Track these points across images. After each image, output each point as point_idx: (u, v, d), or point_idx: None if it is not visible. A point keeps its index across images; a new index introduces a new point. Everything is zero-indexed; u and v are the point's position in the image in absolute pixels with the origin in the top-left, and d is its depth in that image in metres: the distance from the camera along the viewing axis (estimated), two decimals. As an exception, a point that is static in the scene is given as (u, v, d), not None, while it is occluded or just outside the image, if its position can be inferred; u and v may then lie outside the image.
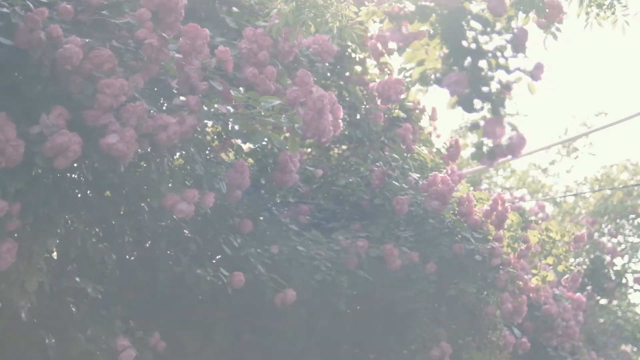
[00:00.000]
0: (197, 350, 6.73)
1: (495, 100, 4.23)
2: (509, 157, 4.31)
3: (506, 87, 4.26)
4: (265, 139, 6.24)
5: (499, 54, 4.27)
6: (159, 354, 6.01)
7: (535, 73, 4.27)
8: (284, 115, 5.23)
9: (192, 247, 6.37)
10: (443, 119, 14.82)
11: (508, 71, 4.26)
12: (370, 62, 8.89)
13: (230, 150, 7.20)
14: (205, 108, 5.33)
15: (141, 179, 5.54)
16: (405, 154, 8.59)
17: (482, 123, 4.23)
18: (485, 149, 4.26)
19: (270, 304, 6.62)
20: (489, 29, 4.28)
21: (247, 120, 5.31)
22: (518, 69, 4.26)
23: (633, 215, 15.85)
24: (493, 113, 4.20)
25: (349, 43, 8.58)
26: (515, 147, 4.24)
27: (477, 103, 4.25)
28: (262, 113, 5.34)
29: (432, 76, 4.34)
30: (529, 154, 12.49)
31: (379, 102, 8.55)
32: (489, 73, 4.26)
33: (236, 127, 5.64)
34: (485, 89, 4.23)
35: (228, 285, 6.20)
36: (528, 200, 15.08)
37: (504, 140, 4.24)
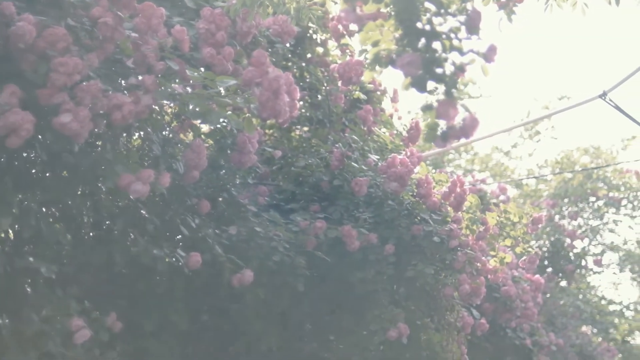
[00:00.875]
0: (154, 330, 6.70)
1: (448, 82, 4.24)
2: (462, 138, 4.33)
3: (460, 69, 4.27)
4: (225, 120, 6.23)
5: (453, 35, 4.28)
6: (116, 335, 5.97)
7: (489, 55, 4.29)
8: (239, 97, 5.20)
9: (150, 227, 6.33)
10: (406, 101, 14.86)
11: (462, 53, 4.27)
12: (332, 44, 8.89)
13: (190, 131, 7.17)
14: (162, 88, 5.30)
15: (97, 158, 5.50)
16: (365, 136, 8.61)
17: (435, 104, 4.25)
18: (438, 130, 4.28)
19: (228, 285, 6.62)
20: (443, 11, 4.29)
21: (204, 101, 5.27)
22: (471, 50, 4.28)
23: (593, 199, 15.99)
24: (446, 95, 4.22)
25: (310, 24, 8.57)
26: (468, 129, 4.26)
27: (431, 84, 4.26)
28: (222, 93, 5.32)
29: (387, 57, 4.35)
30: (491, 136, 12.53)
31: (339, 83, 8.56)
32: (443, 55, 4.27)
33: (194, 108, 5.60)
34: (439, 70, 4.25)
35: (185, 266, 6.20)
36: (490, 182, 15.15)
37: (457, 122, 4.26)
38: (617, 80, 9.14)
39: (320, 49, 8.84)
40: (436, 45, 4.27)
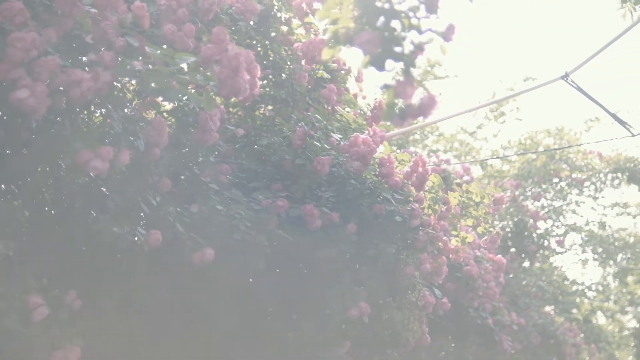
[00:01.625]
0: (114, 309, 6.68)
1: (407, 61, 4.24)
2: (420, 117, 4.33)
3: (419, 48, 4.26)
4: (185, 98, 6.21)
5: (411, 14, 4.27)
6: (75, 313, 5.95)
7: (447, 34, 4.29)
8: (199, 74, 5.18)
9: (110, 205, 6.30)
10: (371, 81, 14.88)
11: (420, 32, 4.26)
12: (296, 22, 8.86)
13: (152, 109, 7.14)
14: (122, 65, 5.26)
15: (55, 135, 5.46)
16: (329, 115, 8.61)
17: (394, 83, 4.25)
18: (396, 109, 4.29)
19: (189, 263, 6.61)
20: (402, -11, 4.28)
21: (164, 78, 5.24)
22: (430, 29, 4.27)
23: (556, 180, 16.09)
24: (405, 73, 4.21)
25: (274, 2, 8.55)
26: (426, 108, 4.26)
27: (390, 63, 4.25)
28: (185, 70, 5.29)
29: (346, 35, 4.34)
30: (456, 116, 12.55)
31: (303, 62, 8.55)
32: (402, 33, 4.25)
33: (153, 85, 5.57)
34: (397, 49, 4.23)
35: (145, 244, 6.18)
36: (455, 163, 15.20)
37: (415, 101, 4.26)
38: (580, 61, 9.19)
39: (284, 28, 8.82)
40: (395, 24, 4.26)
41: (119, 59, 5.21)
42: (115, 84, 5.88)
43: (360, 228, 7.78)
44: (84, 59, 5.42)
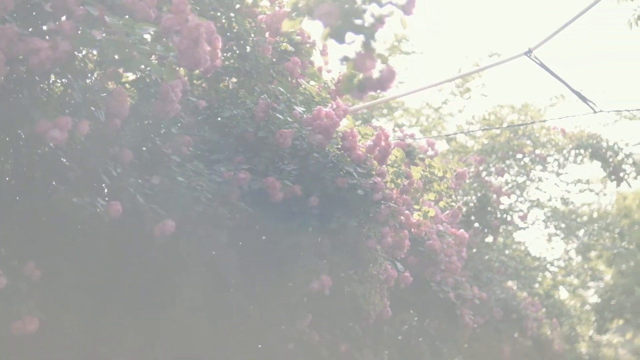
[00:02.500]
0: (74, 280, 6.66)
1: (367, 34, 4.23)
2: (379, 90, 4.34)
3: (379, 21, 4.26)
4: (148, 68, 6.17)
5: (372, -14, 4.27)
6: (34, 284, 5.92)
7: (407, 7, 4.29)
8: (159, 45, 5.15)
9: (70, 175, 6.27)
10: (337, 54, 14.85)
11: (380, 4, 4.26)
12: (261, -6, 8.81)
13: (114, 80, 7.08)
14: (81, 34, 5.22)
15: (14, 105, 5.42)
16: (292, 88, 8.59)
17: (353, 56, 4.24)
18: (356, 81, 4.29)
19: (150, 235, 6.59)
20: (362, -39, 4.27)
21: (124, 48, 5.21)
22: (390, 2, 4.27)
23: (520, 155, 16.17)
24: (364, 46, 4.21)
25: (238, -26, 8.50)
26: (385, 81, 4.27)
27: (350, 36, 4.25)
28: (146, 41, 5.26)
29: (306, 7, 4.33)
30: (421, 90, 12.60)
31: (267, 34, 8.51)
32: (362, 6, 4.25)
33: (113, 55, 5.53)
34: (358, 21, 4.23)
35: (105, 215, 6.15)
36: (419, 138, 15.21)
37: (374, 74, 4.27)
38: (543, 37, 9.23)
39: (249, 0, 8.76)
40: (355, -5, 4.26)
41: (79, 28, 5.17)
42: (76, 54, 5.84)
43: (323, 201, 7.79)
44: (44, 27, 5.37)
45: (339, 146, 8.01)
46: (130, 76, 7.21)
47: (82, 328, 6.89)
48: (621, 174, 15.75)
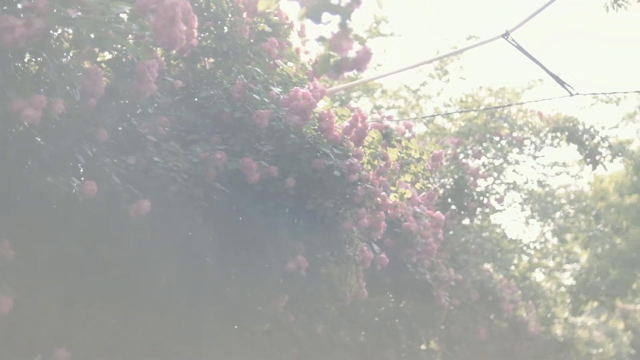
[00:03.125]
0: (49, 260, 6.63)
1: (343, 14, 4.22)
2: (355, 70, 4.34)
3: (355, 1, 4.25)
4: (123, 48, 6.14)
5: (349, -34, 4.25)
6: (8, 263, 5.90)
7: (383, -13, 4.29)
8: (134, 24, 5.12)
9: (45, 155, 6.23)
10: (315, 36, 14.81)
11: (356, -16, 4.25)
12: (239, -27, 8.77)
13: (89, 59, 7.03)
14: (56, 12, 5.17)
15: (-12, 83, 5.37)
16: (270, 69, 8.57)
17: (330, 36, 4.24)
18: (331, 61, 4.29)
19: (125, 215, 6.58)
20: (338, -59, 4.25)
21: (99, 27, 5.17)
22: (366, -18, 4.26)
23: (497, 138, 16.19)
24: (341, 26, 4.20)
25: (217, -47, 8.45)
26: (361, 61, 4.27)
27: (326, 16, 4.24)
28: (122, 19, 5.23)
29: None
30: (399, 71, 12.57)
31: (244, 15, 8.48)
32: (338, -14, 4.24)
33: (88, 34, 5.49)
34: (334, 1, 4.22)
35: (80, 195, 6.12)
36: (397, 119, 15.19)
37: (350, 54, 4.27)
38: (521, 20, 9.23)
39: (226, -21, 8.72)
40: (331, -25, 4.24)
41: (54, 6, 5.12)
42: (51, 32, 5.80)
43: (299, 182, 7.79)
44: (19, 5, 5.32)
45: (316, 127, 7.99)
46: (107, 55, 7.16)
47: (56, 308, 6.87)
48: (597, 157, 15.82)
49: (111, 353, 7.31)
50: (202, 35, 8.46)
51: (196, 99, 8.14)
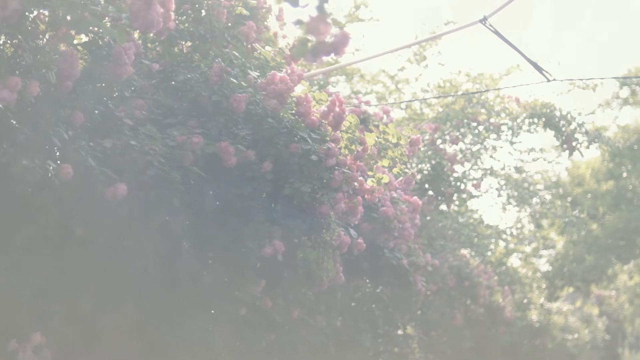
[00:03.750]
0: (25, 244, 6.60)
1: (321, -3, 4.21)
2: (332, 54, 4.33)
3: (333, -16, 4.24)
4: (100, 30, 6.10)
5: (326, -51, 4.23)
6: (-17, 246, 5.88)
7: (361, -29, 4.27)
8: (111, 6, 5.09)
9: (20, 137, 6.19)
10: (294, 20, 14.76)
11: (334, -32, 4.24)
12: (216, -43, 8.72)
13: (65, 42, 6.98)
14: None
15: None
16: (247, 53, 8.54)
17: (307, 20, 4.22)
18: (309, 45, 4.27)
19: (101, 198, 6.55)
20: None
21: (75, 8, 5.14)
22: (344, -34, 4.25)
23: (474, 124, 16.22)
24: (318, 10, 4.19)
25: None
26: (338, 45, 4.26)
27: (304, -1, 4.22)
28: (100, 2, 5.20)
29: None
30: (378, 56, 12.53)
31: (222, -2, 8.44)
32: (316, -32, 4.22)
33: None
34: (311, -16, 4.21)
35: (55, 178, 6.09)
36: (375, 104, 15.19)
37: (328, 38, 4.25)
38: (499, 6, 9.25)
39: (203, -38, 8.67)
40: (308, -43, 4.23)
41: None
42: (27, 14, 5.76)
43: (276, 166, 7.78)
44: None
45: (294, 112, 7.98)
46: (83, 38, 7.11)
47: (31, 292, 6.84)
48: (574, 143, 15.88)
49: (87, 337, 7.28)
50: (180, 18, 8.41)
51: (173, 83, 8.10)
